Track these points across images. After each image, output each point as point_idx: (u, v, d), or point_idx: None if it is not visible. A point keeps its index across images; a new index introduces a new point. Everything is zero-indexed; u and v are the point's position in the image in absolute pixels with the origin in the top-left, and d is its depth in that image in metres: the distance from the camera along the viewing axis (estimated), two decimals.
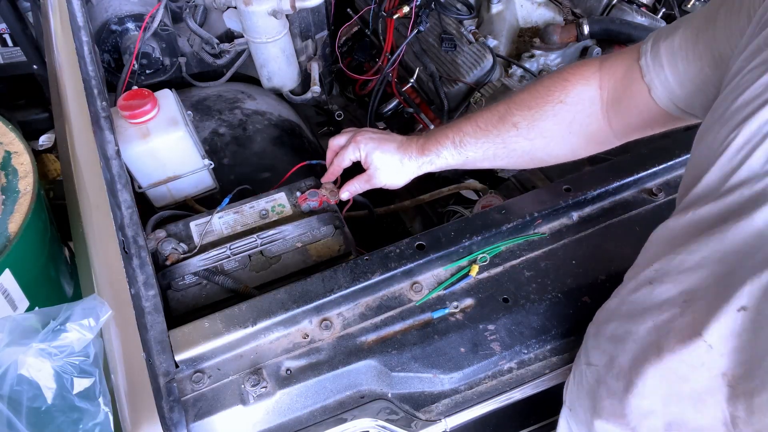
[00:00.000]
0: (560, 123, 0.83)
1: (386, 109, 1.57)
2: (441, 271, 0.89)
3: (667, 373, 0.58)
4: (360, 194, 1.05)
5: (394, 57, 1.50)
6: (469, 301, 0.86)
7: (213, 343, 0.77)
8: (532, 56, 1.41)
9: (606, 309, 0.71)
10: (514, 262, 0.90)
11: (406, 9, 1.45)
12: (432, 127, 1.49)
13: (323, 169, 1.11)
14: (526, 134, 0.85)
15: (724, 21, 0.65)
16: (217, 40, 1.47)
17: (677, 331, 0.57)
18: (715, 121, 0.59)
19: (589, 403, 0.68)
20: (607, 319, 0.69)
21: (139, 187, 1.11)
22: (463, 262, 0.90)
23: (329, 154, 1.03)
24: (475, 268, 0.88)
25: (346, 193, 1.01)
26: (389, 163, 0.94)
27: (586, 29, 1.38)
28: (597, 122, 0.82)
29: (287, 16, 1.38)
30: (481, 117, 0.89)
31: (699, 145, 0.63)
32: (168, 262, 0.93)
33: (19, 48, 2.04)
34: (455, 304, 0.85)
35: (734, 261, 0.54)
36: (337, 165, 1.00)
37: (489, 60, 1.38)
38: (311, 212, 1.02)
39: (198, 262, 0.92)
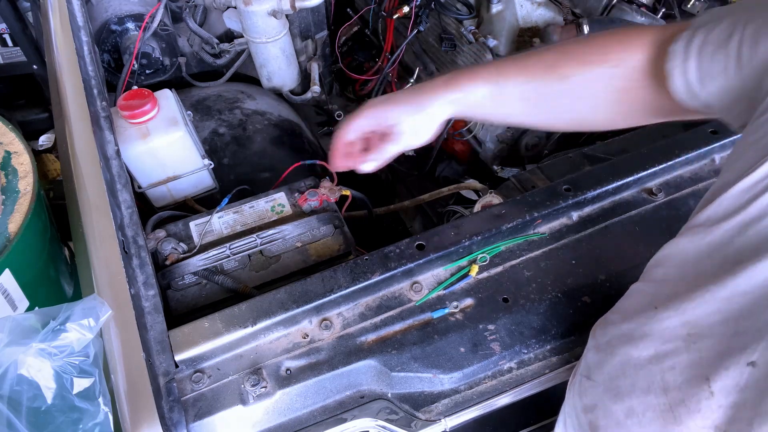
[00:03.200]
0: (609, 90, 0.73)
1: None
2: (441, 271, 0.89)
3: (666, 410, 0.57)
4: (358, 191, 1.05)
5: (394, 57, 1.50)
6: (469, 301, 0.86)
7: (213, 343, 0.77)
8: None
9: (609, 321, 0.68)
10: (514, 262, 0.90)
11: (406, 9, 1.45)
12: None
13: (322, 169, 1.10)
14: (573, 90, 0.74)
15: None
16: (217, 40, 1.47)
17: (682, 368, 0.56)
18: (750, 145, 0.56)
19: (586, 417, 0.67)
20: (607, 333, 0.67)
21: (139, 187, 1.11)
22: (463, 262, 0.90)
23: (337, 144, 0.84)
24: (475, 268, 0.88)
25: (373, 163, 0.82)
26: (408, 113, 0.78)
27: (585, 29, 1.38)
28: (650, 95, 0.72)
29: (287, 16, 1.38)
30: (523, 61, 0.76)
31: (731, 163, 0.59)
32: (168, 262, 0.93)
33: (19, 48, 2.04)
34: (455, 304, 0.85)
35: (745, 304, 0.53)
36: (339, 139, 0.82)
37: (489, 60, 1.38)
38: (312, 212, 1.02)
39: (198, 262, 0.93)
